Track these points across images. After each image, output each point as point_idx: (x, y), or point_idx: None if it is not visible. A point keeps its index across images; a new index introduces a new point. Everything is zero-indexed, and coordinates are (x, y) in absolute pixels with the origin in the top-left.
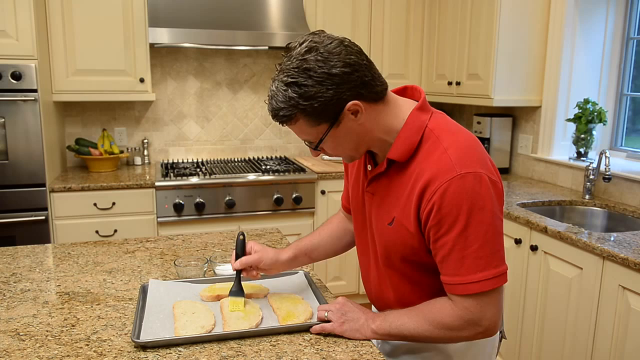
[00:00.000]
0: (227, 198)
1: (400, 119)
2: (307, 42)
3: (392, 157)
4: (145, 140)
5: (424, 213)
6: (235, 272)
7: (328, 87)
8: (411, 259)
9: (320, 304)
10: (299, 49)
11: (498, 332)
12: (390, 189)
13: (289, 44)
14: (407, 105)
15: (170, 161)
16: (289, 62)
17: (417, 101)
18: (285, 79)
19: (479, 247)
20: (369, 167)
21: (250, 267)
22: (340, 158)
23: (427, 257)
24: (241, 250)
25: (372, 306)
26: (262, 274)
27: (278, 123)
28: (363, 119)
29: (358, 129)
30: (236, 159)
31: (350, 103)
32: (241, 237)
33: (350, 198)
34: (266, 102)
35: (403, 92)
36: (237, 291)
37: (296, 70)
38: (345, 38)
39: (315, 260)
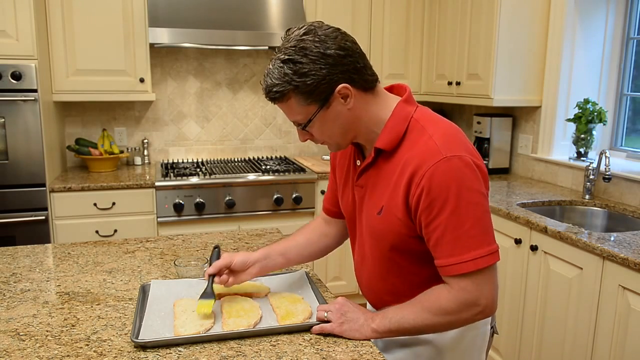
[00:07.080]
0: (227, 198)
1: (387, 110)
2: (306, 26)
3: (379, 145)
4: (145, 140)
5: (413, 198)
6: (208, 277)
7: (322, 66)
8: (400, 248)
9: (319, 303)
10: (297, 31)
11: (489, 327)
12: (378, 179)
13: (288, 29)
14: (394, 99)
15: (170, 161)
16: (287, 42)
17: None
18: (282, 56)
19: (471, 226)
20: (358, 162)
21: (223, 271)
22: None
23: (416, 244)
24: (216, 259)
25: (367, 304)
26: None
27: (270, 100)
28: (352, 104)
29: (347, 114)
30: (236, 159)
31: (340, 85)
32: (216, 248)
33: (340, 197)
34: (261, 82)
35: (390, 90)
36: (209, 293)
37: (293, 48)
38: (341, 29)
39: (293, 262)
